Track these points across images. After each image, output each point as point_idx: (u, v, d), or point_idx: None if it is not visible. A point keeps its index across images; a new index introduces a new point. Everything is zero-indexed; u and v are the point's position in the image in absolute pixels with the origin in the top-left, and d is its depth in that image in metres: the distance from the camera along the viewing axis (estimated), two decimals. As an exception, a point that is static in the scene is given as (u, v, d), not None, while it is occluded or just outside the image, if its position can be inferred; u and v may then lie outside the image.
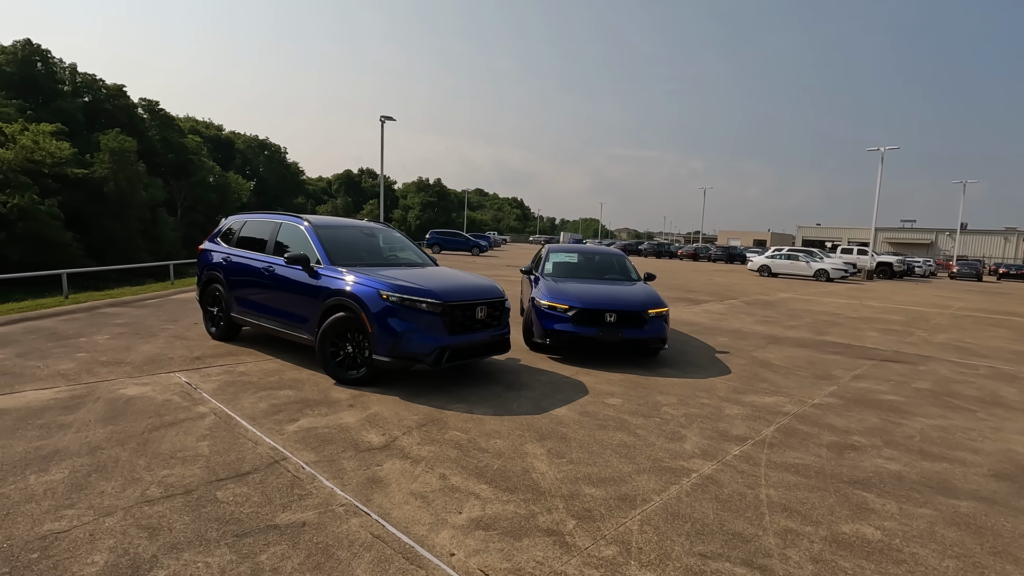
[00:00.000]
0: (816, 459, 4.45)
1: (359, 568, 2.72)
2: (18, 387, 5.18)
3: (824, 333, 11.15)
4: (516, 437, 4.56)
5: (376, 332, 5.48)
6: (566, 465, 4.07)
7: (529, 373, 6.68)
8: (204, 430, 4.35)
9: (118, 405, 4.83)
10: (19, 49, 52.76)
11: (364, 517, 3.19)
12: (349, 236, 6.96)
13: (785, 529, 3.31)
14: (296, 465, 3.82)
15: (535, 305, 7.60)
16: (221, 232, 7.81)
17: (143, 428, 4.34)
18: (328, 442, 4.25)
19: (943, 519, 3.55)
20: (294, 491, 3.46)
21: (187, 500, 3.27)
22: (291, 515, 3.17)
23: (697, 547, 3.07)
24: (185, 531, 2.95)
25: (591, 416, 5.21)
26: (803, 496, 3.77)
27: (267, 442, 4.18)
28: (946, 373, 7.98)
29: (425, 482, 3.67)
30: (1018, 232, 62.68)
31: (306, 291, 6.14)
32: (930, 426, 5.48)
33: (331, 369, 5.85)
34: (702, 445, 4.62)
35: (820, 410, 5.81)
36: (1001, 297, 24.35)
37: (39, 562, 2.63)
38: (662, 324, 7.51)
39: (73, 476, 3.50)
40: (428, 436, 4.48)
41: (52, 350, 6.65)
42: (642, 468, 4.09)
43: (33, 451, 3.83)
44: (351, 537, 2.98)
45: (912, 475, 4.24)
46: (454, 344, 5.68)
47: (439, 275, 6.46)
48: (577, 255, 9.43)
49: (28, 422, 4.35)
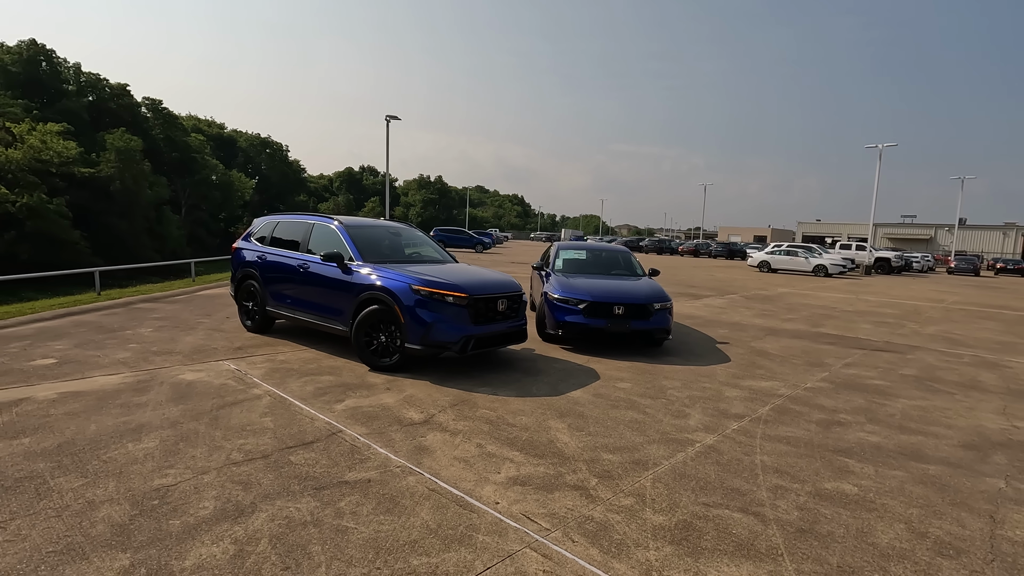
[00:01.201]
0: (806, 433, 5.02)
1: (422, 512, 3.29)
2: (88, 373, 5.75)
3: (819, 325, 11.71)
4: (539, 415, 5.12)
5: (408, 323, 6.04)
6: (585, 437, 4.63)
7: (544, 361, 7.24)
8: (264, 408, 4.92)
9: (181, 388, 5.40)
10: (24, 49, 53.17)
11: (418, 476, 3.76)
12: (377, 235, 7.51)
13: (776, 486, 3.88)
14: (352, 436, 4.38)
15: (548, 299, 8.16)
16: (254, 232, 8.36)
17: (210, 407, 4.90)
18: (374, 418, 4.82)
19: (912, 479, 4.12)
20: (355, 456, 4.02)
21: (266, 462, 3.84)
22: (357, 474, 3.74)
23: (701, 499, 3.63)
24: (272, 485, 3.52)
25: (604, 398, 5.77)
26: (793, 461, 4.33)
27: (322, 418, 4.74)
28: (932, 361, 8.55)
29: (465, 450, 4.24)
30: (1017, 227, 63.15)
31: (340, 286, 6.70)
32: (911, 406, 6.05)
33: (366, 357, 6.41)
34: (704, 421, 5.19)
35: (812, 393, 6.38)
36: (995, 291, 24.90)
37: (160, 507, 3.20)
38: (666, 316, 8.08)
39: (164, 444, 4.06)
40: (461, 414, 5.05)
41: (104, 341, 7.21)
42: (652, 439, 4.66)
43: (122, 424, 4.39)
44: (411, 490, 3.55)
45: (890, 445, 4.81)
46: (478, 333, 6.24)
47: (462, 271, 7.03)
48: (585, 252, 9.99)
49: (108, 402, 4.91)
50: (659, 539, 3.13)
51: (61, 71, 55.81)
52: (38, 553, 2.71)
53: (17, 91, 49.79)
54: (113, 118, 55.80)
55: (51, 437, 4.09)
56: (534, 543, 3.02)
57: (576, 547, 3.01)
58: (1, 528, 2.91)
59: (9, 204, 37.99)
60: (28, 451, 3.84)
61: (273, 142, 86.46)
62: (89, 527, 2.96)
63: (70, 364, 6.05)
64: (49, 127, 42.74)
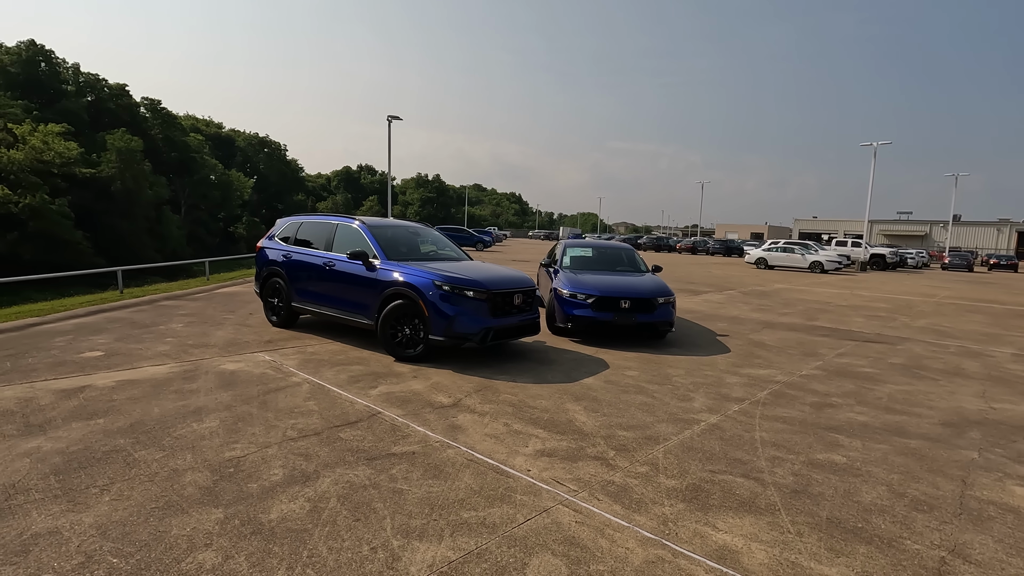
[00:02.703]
0: (800, 413, 5.50)
1: (465, 476, 3.76)
2: (136, 364, 6.19)
3: (814, 319, 12.22)
4: (556, 399, 5.60)
5: (432, 316, 6.50)
6: (600, 417, 5.11)
7: (555, 352, 7.71)
8: (306, 394, 5.38)
9: (226, 376, 5.85)
10: (23, 50, 53.30)
11: (456, 449, 4.23)
12: (398, 234, 7.97)
13: (773, 456, 4.36)
14: (391, 417, 4.85)
15: (557, 294, 8.63)
16: (277, 232, 8.80)
17: (256, 392, 5.36)
18: (407, 402, 5.28)
19: (895, 451, 4.61)
20: (396, 433, 4.49)
21: (320, 438, 4.30)
22: (402, 447, 4.20)
23: (707, 467, 4.11)
24: (329, 457, 3.98)
25: (614, 384, 6.25)
26: (788, 437, 4.82)
27: (360, 402, 5.21)
28: (919, 351, 9.05)
29: (494, 428, 4.71)
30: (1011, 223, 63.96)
31: (365, 283, 7.15)
32: (897, 391, 6.54)
33: (391, 348, 6.88)
34: (708, 404, 5.67)
35: (806, 379, 6.87)
36: (986, 286, 25.49)
37: (236, 474, 3.66)
38: (670, 310, 8.57)
39: (224, 424, 4.52)
40: (485, 398, 5.51)
41: (142, 336, 7.65)
42: (661, 419, 5.14)
43: (182, 408, 4.85)
44: (452, 460, 4.02)
45: (876, 424, 5.29)
46: (497, 325, 6.71)
47: (479, 268, 7.49)
48: (592, 249, 10.47)
49: (162, 388, 5.36)
50: (672, 498, 3.60)
51: (60, 71, 55.98)
52: (144, 509, 3.17)
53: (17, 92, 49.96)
54: (112, 118, 56.00)
55: (122, 418, 4.54)
56: (565, 501, 3.50)
57: (601, 504, 3.48)
58: (105, 490, 3.36)
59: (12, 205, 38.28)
60: (106, 430, 4.29)
61: (271, 141, 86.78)
62: (180, 489, 3.42)
63: (117, 356, 6.49)
64: (50, 128, 42.97)
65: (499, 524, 3.18)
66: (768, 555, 3.01)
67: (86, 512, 3.11)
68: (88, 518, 3.05)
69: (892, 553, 3.08)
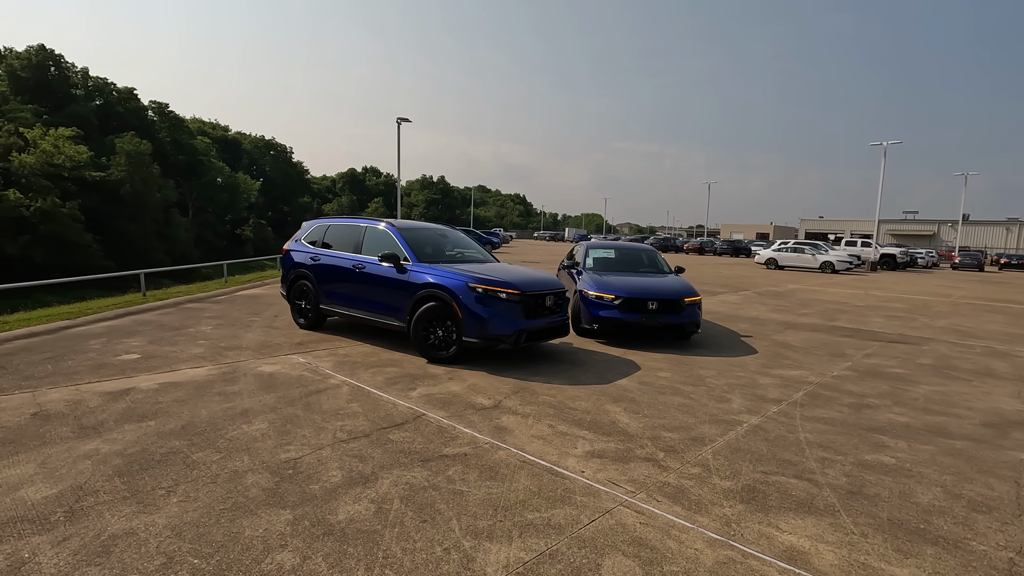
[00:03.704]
0: (840, 414, 5.50)
1: (521, 477, 3.78)
2: (174, 366, 6.24)
3: (834, 319, 12.19)
4: (595, 400, 5.61)
5: (466, 318, 6.53)
6: (642, 419, 5.12)
7: (584, 354, 7.73)
8: (347, 395, 5.41)
9: (265, 378, 5.89)
10: (33, 54, 53.65)
11: (507, 451, 4.25)
12: (427, 236, 8.01)
13: (822, 458, 4.36)
14: (436, 419, 4.87)
15: (583, 295, 8.65)
16: (304, 235, 8.85)
17: (298, 394, 5.39)
18: (449, 404, 5.30)
19: (942, 452, 4.61)
20: (444, 435, 4.51)
21: (370, 440, 4.33)
22: (453, 449, 4.23)
23: (758, 468, 4.12)
24: (383, 458, 4.01)
25: (649, 385, 6.26)
26: (833, 438, 4.82)
27: (402, 404, 5.23)
28: (946, 352, 9.03)
29: (539, 430, 4.73)
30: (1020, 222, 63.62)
31: (397, 285, 7.18)
32: (932, 391, 6.53)
33: (424, 350, 6.90)
34: (746, 405, 5.68)
35: (839, 380, 6.86)
36: (1001, 286, 25.37)
37: (295, 476, 3.69)
38: (696, 311, 8.57)
39: (273, 426, 4.55)
40: (525, 400, 5.54)
41: (173, 338, 7.70)
42: (702, 420, 5.15)
43: (228, 410, 4.88)
44: (505, 461, 4.04)
45: (917, 424, 5.29)
46: (530, 327, 6.73)
47: (509, 269, 7.52)
48: (614, 251, 10.49)
49: (205, 391, 5.40)
50: (730, 499, 3.62)
51: (69, 75, 56.34)
52: (213, 510, 3.20)
53: (26, 96, 50.35)
54: (121, 122, 56.36)
55: (172, 420, 4.58)
56: (625, 502, 3.51)
57: (661, 505, 3.50)
58: (171, 492, 3.40)
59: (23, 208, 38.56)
60: (159, 431, 4.33)
61: (277, 144, 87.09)
62: (244, 490, 3.45)
63: (154, 359, 6.54)
64: (60, 132, 43.26)
65: (565, 525, 3.20)
66: (837, 556, 3.02)
67: (157, 513, 3.14)
68: (161, 519, 3.08)
69: (960, 554, 3.09)
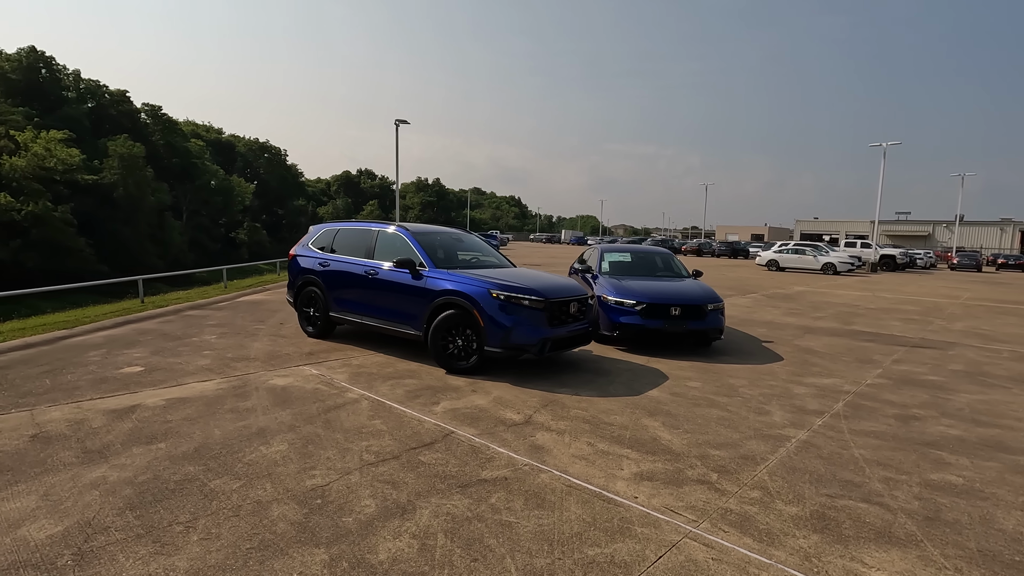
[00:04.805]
0: (888, 427, 5.22)
1: (571, 504, 3.47)
2: (181, 380, 5.89)
3: (850, 323, 11.95)
4: (629, 414, 5.31)
5: (488, 326, 6.21)
6: (684, 434, 4.82)
7: (607, 362, 7.43)
8: (368, 412, 5.08)
9: (278, 392, 5.55)
10: (24, 56, 52.94)
11: (549, 473, 3.93)
12: (442, 241, 7.69)
13: (885, 478, 4.07)
14: (466, 437, 4.55)
15: (602, 301, 8.35)
16: (312, 239, 8.51)
17: (316, 411, 5.06)
18: (477, 419, 4.98)
19: (1008, 469, 4.33)
20: (479, 456, 4.19)
21: (400, 463, 4.00)
22: (491, 472, 3.91)
23: (821, 491, 3.83)
24: (417, 484, 3.69)
25: (681, 396, 5.96)
26: (889, 455, 4.53)
27: (428, 420, 4.91)
28: (974, 357, 8.79)
29: (578, 448, 4.42)
30: (1014, 222, 63.91)
31: (413, 291, 6.86)
32: (974, 400, 6.26)
33: (442, 360, 6.58)
34: (788, 418, 5.39)
35: (875, 389, 6.59)
36: (1004, 287, 25.28)
37: (324, 506, 3.36)
38: (719, 317, 8.29)
39: (293, 447, 4.22)
40: (556, 414, 5.22)
41: (177, 349, 7.34)
42: (747, 436, 4.85)
43: (243, 429, 4.55)
44: (550, 486, 3.72)
45: (972, 438, 5.01)
46: (554, 336, 6.42)
47: (529, 275, 7.21)
48: (630, 254, 10.19)
49: (216, 407, 5.06)
50: (802, 528, 3.32)
51: (61, 78, 55.66)
52: (239, 549, 2.87)
53: (17, 99, 49.63)
54: (113, 124, 55.74)
55: (184, 442, 4.23)
56: (690, 533, 3.21)
57: (729, 536, 3.19)
58: (190, 527, 3.06)
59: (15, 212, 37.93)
60: (170, 455, 3.99)
61: (272, 146, 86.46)
62: (271, 525, 3.12)
63: (159, 371, 6.19)
64: (52, 134, 42.62)
65: (632, 563, 2.89)
66: (936, 596, 2.73)
67: (177, 555, 2.81)
68: (181, 562, 2.75)
69: (1068, 592, 2.80)
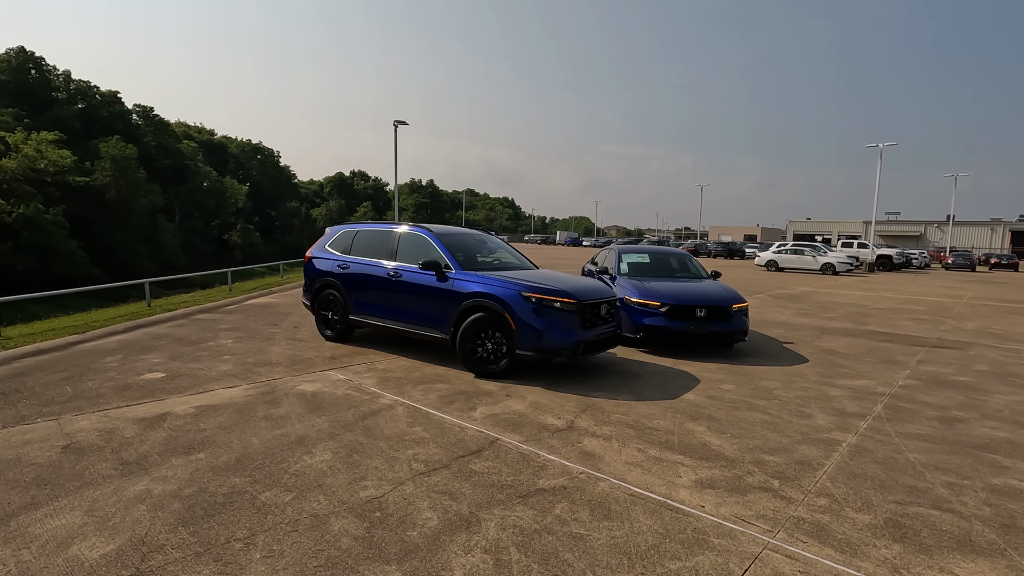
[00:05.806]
0: (934, 430, 5.14)
1: (639, 515, 3.34)
2: (207, 387, 5.71)
3: (863, 323, 11.92)
4: (671, 418, 5.19)
5: (520, 329, 6.08)
6: (732, 439, 4.71)
7: (633, 365, 7.32)
8: (406, 418, 4.94)
9: (308, 398, 5.39)
10: (12, 57, 52.22)
11: (607, 481, 3.81)
12: (466, 242, 7.55)
13: (948, 483, 3.98)
14: (513, 444, 4.42)
15: (624, 303, 8.23)
16: (330, 241, 8.34)
17: (352, 417, 4.91)
18: (519, 425, 4.85)
19: (1067, 472, 4.25)
20: (530, 464, 4.06)
21: (452, 472, 3.86)
22: (548, 481, 3.78)
23: (889, 497, 3.73)
24: (476, 495, 3.55)
25: (719, 400, 5.86)
26: (944, 459, 4.45)
27: (470, 427, 4.77)
28: (996, 357, 8.76)
29: (630, 455, 4.30)
30: (1004, 223, 64.60)
31: (439, 294, 6.71)
32: (1011, 401, 6.21)
33: (471, 364, 6.44)
34: (832, 421, 5.30)
35: (908, 390, 6.52)
36: (1003, 287, 25.45)
37: (384, 520, 3.22)
38: (744, 318, 8.21)
39: (338, 456, 4.07)
40: (597, 419, 5.10)
41: (195, 354, 7.15)
42: (796, 440, 4.75)
43: (281, 437, 4.39)
44: (612, 496, 3.60)
45: (1021, 440, 4.94)
46: (587, 338, 6.30)
47: (557, 276, 7.09)
48: (648, 255, 10.10)
49: (248, 414, 4.89)
50: (880, 537, 3.21)
51: (51, 79, 54.95)
52: (307, 568, 2.72)
53: (7, 99, 48.94)
54: (104, 126, 55.06)
55: (224, 452, 4.07)
56: (769, 544, 3.09)
57: (809, 547, 3.08)
58: (250, 545, 2.91)
59: (5, 214, 37.36)
60: (212, 466, 3.83)
61: (264, 148, 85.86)
62: (335, 540, 2.97)
63: (181, 377, 6.01)
64: (43, 136, 42.02)
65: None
66: (1039, 609, 2.63)
67: (242, 574, 2.66)
68: (249, 583, 2.60)
69: None
